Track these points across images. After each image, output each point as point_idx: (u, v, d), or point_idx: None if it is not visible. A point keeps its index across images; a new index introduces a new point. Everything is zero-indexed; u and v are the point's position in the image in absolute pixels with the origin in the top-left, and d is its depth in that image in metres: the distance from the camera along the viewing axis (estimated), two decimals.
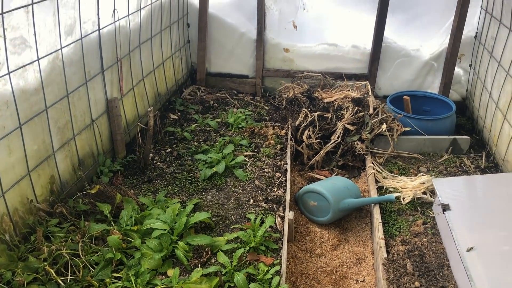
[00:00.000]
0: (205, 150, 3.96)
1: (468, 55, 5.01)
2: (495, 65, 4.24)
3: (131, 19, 3.82)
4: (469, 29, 4.89)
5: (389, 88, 5.21)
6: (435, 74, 5.11)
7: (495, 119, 4.16)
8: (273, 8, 5.12)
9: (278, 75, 5.39)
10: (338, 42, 5.22)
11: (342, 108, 4.41)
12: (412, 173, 3.90)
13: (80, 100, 3.22)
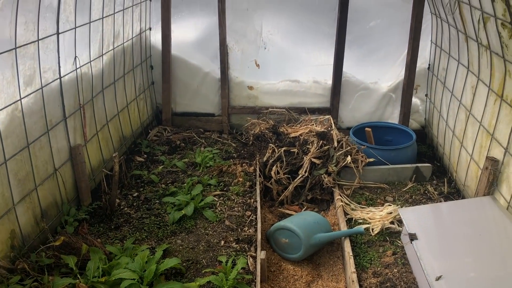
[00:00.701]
0: (173, 192, 3.92)
1: (424, 86, 5.26)
2: (448, 95, 4.47)
3: (93, 65, 3.82)
4: (422, 61, 5.15)
5: (352, 120, 5.37)
6: (394, 104, 5.32)
7: (453, 146, 4.35)
8: (235, 48, 5.25)
9: (244, 112, 5.47)
10: (300, 78, 5.38)
11: (308, 142, 4.49)
12: (379, 203, 3.98)
13: (41, 149, 3.15)
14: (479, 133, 3.76)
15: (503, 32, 3.15)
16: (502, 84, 3.38)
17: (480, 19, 3.48)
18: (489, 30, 3.37)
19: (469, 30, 3.81)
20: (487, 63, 3.59)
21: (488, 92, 3.61)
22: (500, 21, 3.13)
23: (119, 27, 4.29)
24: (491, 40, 3.42)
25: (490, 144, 3.56)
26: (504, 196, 3.32)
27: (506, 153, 3.31)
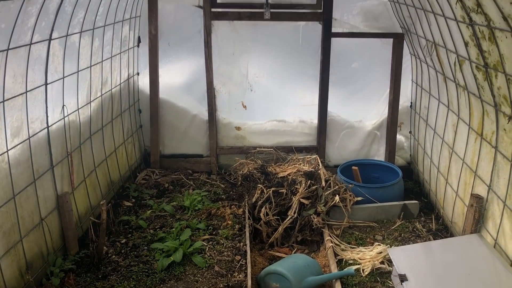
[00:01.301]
0: (161, 238, 3.88)
1: (407, 123, 5.38)
2: (431, 132, 4.57)
3: (81, 112, 3.85)
4: (405, 100, 5.30)
5: (339, 158, 5.44)
6: (379, 142, 5.41)
7: (438, 183, 4.41)
8: (222, 91, 5.35)
9: (232, 152, 5.51)
10: (286, 118, 5.47)
11: (296, 182, 4.52)
12: (369, 242, 3.99)
13: (28, 200, 3.13)
14: (462, 170, 3.84)
15: (478, 75, 3.28)
16: (481, 123, 3.49)
17: (456, 62, 3.63)
18: (465, 71, 3.51)
19: (446, 71, 3.95)
20: (465, 103, 3.71)
21: (469, 130, 3.71)
22: (474, 64, 3.27)
23: (107, 74, 4.36)
24: (467, 81, 3.55)
25: (474, 181, 3.63)
26: (490, 234, 3.36)
27: (490, 191, 3.38)
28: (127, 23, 4.69)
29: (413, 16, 4.32)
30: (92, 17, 3.77)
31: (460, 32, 3.30)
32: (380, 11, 4.89)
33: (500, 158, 3.22)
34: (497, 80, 3.02)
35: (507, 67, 2.81)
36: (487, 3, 2.64)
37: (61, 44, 3.39)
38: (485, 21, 2.80)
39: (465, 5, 2.97)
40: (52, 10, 3.07)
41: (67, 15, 3.32)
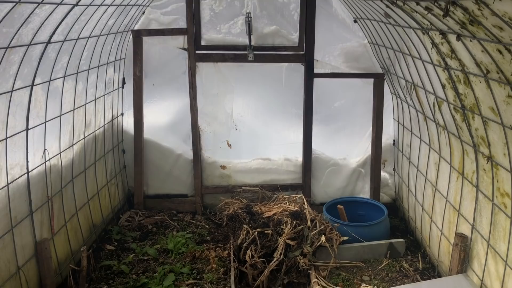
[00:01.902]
0: (144, 284, 3.77)
1: (391, 160, 5.43)
2: (414, 170, 4.62)
3: (63, 156, 3.81)
4: (387, 137, 5.37)
5: (324, 195, 5.44)
6: (364, 179, 5.44)
7: (423, 220, 4.42)
8: (207, 130, 5.37)
9: (217, 191, 5.46)
10: (271, 156, 5.49)
11: (282, 223, 4.48)
12: (356, 283, 3.93)
13: (4, 248, 3.03)
14: (446, 209, 3.86)
15: (456, 115, 3.36)
16: (462, 163, 3.54)
17: (435, 103, 3.72)
18: (444, 112, 3.59)
19: (426, 111, 4.04)
20: (446, 142, 3.78)
21: (450, 169, 3.76)
22: (452, 105, 3.35)
23: (90, 116, 4.35)
24: (447, 121, 3.63)
25: (458, 220, 3.64)
26: (476, 273, 3.34)
27: (473, 230, 3.39)
28: (111, 66, 4.73)
29: (392, 58, 4.45)
30: (76, 62, 3.80)
31: (437, 75, 3.40)
32: (360, 53, 5.03)
33: (482, 197, 3.25)
34: (474, 122, 3.10)
35: (482, 109, 2.89)
36: (460, 50, 2.74)
37: (43, 89, 3.39)
38: (460, 66, 2.89)
39: (440, 50, 3.07)
40: (35, 57, 3.09)
41: (50, 60, 3.34)
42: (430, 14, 2.56)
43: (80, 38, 3.64)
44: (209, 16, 5.01)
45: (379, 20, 4.01)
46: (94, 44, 4.02)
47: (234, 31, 5.04)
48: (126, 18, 4.45)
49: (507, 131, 2.67)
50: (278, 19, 5.00)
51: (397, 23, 3.58)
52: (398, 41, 3.94)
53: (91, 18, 3.58)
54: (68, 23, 3.27)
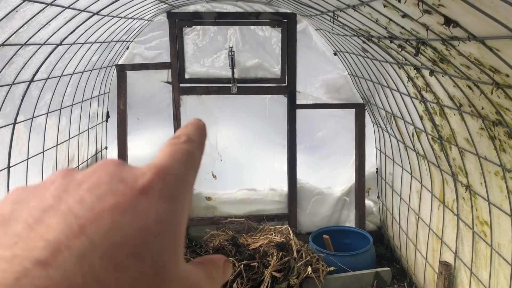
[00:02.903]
0: None
1: (375, 188, 5.50)
2: (397, 198, 4.68)
3: None
4: (371, 166, 5.45)
5: (310, 224, 5.44)
6: (349, 208, 5.47)
7: (408, 248, 4.45)
8: None
9: (203, 223, 5.43)
10: (256, 186, 5.50)
11: (268, 254, 4.46)
12: None
13: None
14: (429, 237, 3.90)
15: (435, 145, 3.45)
16: (442, 191, 3.61)
17: (414, 133, 3.82)
18: (423, 142, 3.69)
19: (406, 140, 4.14)
20: (426, 171, 3.86)
21: (432, 197, 3.83)
22: (430, 136, 3.45)
23: (74, 151, 4.34)
24: (426, 151, 3.72)
25: (441, 248, 3.68)
26: None
27: (456, 258, 3.43)
28: (95, 100, 4.75)
29: (371, 89, 4.57)
30: (60, 98, 3.82)
31: (414, 107, 3.51)
32: (341, 84, 5.16)
33: (463, 225, 3.30)
34: (452, 152, 3.18)
35: (458, 140, 2.98)
36: (435, 84, 2.84)
37: (26, 126, 3.39)
38: (435, 99, 3.00)
39: (416, 84, 3.18)
40: (18, 96, 3.10)
41: (33, 98, 3.35)
42: (403, 51, 2.67)
43: (64, 75, 3.68)
44: (193, 51, 5.11)
45: (358, 54, 4.15)
46: (78, 80, 4.06)
47: (217, 64, 5.14)
48: (110, 54, 4.51)
49: (482, 161, 2.75)
50: (261, 53, 5.13)
51: (374, 57, 3.71)
52: (376, 73, 4.06)
53: (75, 56, 3.63)
54: (52, 61, 3.31)
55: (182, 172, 0.30)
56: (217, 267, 0.34)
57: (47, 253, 0.23)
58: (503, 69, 1.85)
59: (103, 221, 0.25)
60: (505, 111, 2.18)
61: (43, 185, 0.29)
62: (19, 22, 2.33)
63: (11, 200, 0.28)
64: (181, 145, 0.32)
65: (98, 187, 0.27)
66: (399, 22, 2.18)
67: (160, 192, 0.28)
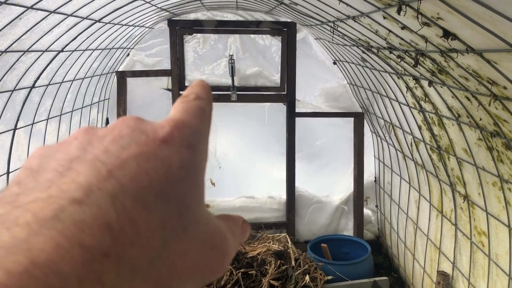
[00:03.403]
0: None
1: (373, 197, 5.51)
2: (396, 207, 4.69)
3: None
4: (369, 175, 5.46)
5: (308, 233, 5.44)
6: (347, 216, 5.48)
7: (406, 258, 4.45)
8: None
9: None
10: (255, 194, 5.51)
11: (266, 263, 4.45)
12: None
13: None
14: (427, 247, 3.91)
15: (433, 155, 3.47)
16: (440, 201, 3.62)
17: (412, 142, 3.83)
18: (422, 152, 3.70)
19: (405, 150, 4.16)
20: (425, 181, 3.87)
21: (430, 207, 3.84)
22: (429, 145, 3.47)
23: None
24: (424, 161, 3.73)
25: (439, 258, 3.69)
26: None
27: (454, 268, 3.43)
28: (95, 106, 4.77)
29: (370, 98, 4.60)
30: (60, 104, 3.83)
31: (413, 116, 3.53)
32: (340, 93, 5.19)
33: (461, 235, 3.31)
34: (450, 162, 3.20)
35: (457, 151, 2.99)
36: (433, 94, 2.87)
37: (26, 132, 3.40)
38: (433, 109, 3.02)
39: (414, 94, 3.21)
40: (19, 102, 3.12)
41: (34, 104, 3.37)
42: (402, 62, 2.69)
43: (65, 81, 3.69)
44: (193, 58, 5.14)
45: (357, 63, 4.18)
46: (78, 87, 4.08)
47: (217, 72, 5.16)
48: (110, 61, 4.54)
49: (480, 172, 2.77)
50: (260, 61, 5.16)
51: (373, 67, 3.73)
52: (375, 83, 4.09)
53: (76, 62, 3.65)
54: (53, 68, 3.33)
55: (197, 124, 0.32)
56: (237, 224, 0.36)
57: (81, 193, 0.24)
58: (500, 81, 1.87)
59: (129, 167, 0.26)
60: (503, 123, 2.20)
61: (66, 141, 0.30)
62: (22, 29, 2.35)
63: (36, 156, 0.29)
64: (192, 102, 0.33)
65: (121, 138, 0.28)
66: (399, 33, 2.21)
67: (180, 141, 0.29)
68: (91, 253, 0.22)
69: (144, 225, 0.25)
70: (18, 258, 0.20)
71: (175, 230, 0.26)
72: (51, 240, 0.22)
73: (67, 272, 0.21)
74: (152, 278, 0.24)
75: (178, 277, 0.26)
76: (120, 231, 0.24)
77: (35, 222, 0.22)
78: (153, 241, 0.25)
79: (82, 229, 0.23)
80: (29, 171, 0.27)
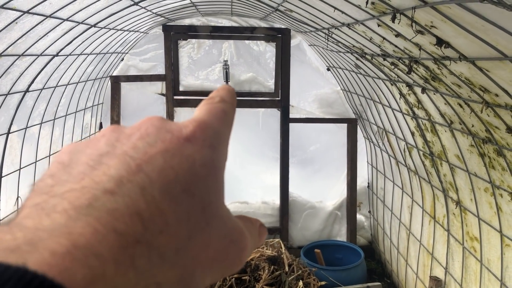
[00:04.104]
0: None
1: (366, 203, 5.53)
2: (389, 213, 4.72)
3: None
4: (362, 180, 5.49)
5: (302, 238, 5.44)
6: (340, 222, 5.49)
7: (399, 263, 4.47)
8: None
9: None
10: (248, 199, 5.51)
11: (259, 268, 4.45)
12: None
13: None
14: (420, 252, 3.93)
15: (426, 161, 3.50)
16: (433, 207, 3.65)
17: (405, 148, 3.87)
18: (414, 158, 3.74)
19: (398, 156, 4.19)
20: (417, 186, 3.90)
21: (423, 213, 3.87)
22: (421, 152, 3.50)
23: None
24: (417, 167, 3.77)
25: (432, 264, 3.71)
26: None
27: (447, 273, 3.46)
28: (89, 111, 4.75)
29: (364, 105, 4.64)
30: (54, 108, 3.82)
31: (406, 123, 3.56)
32: (334, 99, 5.23)
33: (453, 241, 3.34)
34: (443, 168, 3.23)
35: (449, 157, 3.03)
36: (426, 101, 2.90)
37: (19, 136, 3.38)
38: (426, 116, 3.06)
39: (407, 101, 3.24)
40: (13, 105, 3.10)
41: (27, 108, 3.35)
42: (396, 69, 2.73)
43: (59, 85, 3.68)
44: (188, 63, 5.15)
45: (351, 70, 4.21)
46: (72, 91, 4.07)
47: (212, 77, 5.18)
48: (105, 65, 4.53)
49: (472, 178, 2.80)
50: (255, 67, 5.18)
51: (367, 74, 3.77)
52: (368, 89, 4.13)
53: (70, 67, 3.65)
54: (48, 72, 3.32)
55: (219, 126, 0.34)
56: (254, 226, 0.37)
57: (113, 185, 0.26)
58: (492, 88, 1.90)
59: (156, 162, 0.28)
60: (495, 129, 2.24)
61: (94, 139, 0.31)
62: (18, 33, 2.34)
63: (67, 151, 0.30)
64: (216, 104, 0.35)
65: (147, 136, 0.30)
66: (393, 41, 2.24)
67: (203, 141, 0.31)
68: (125, 239, 0.24)
69: (172, 215, 0.26)
70: (61, 240, 0.22)
71: (199, 223, 0.28)
72: (89, 226, 0.23)
73: (105, 254, 0.22)
74: (178, 266, 0.26)
75: (201, 267, 0.28)
76: (150, 220, 0.25)
77: (72, 209, 0.24)
78: (180, 231, 0.26)
79: (115, 217, 0.24)
80: (61, 165, 0.29)
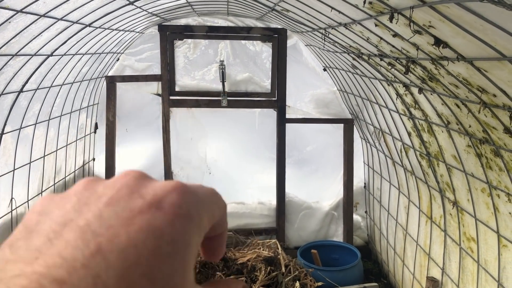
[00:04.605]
0: None
1: (362, 203, 5.52)
2: (385, 213, 4.71)
3: (31, 204, 3.71)
4: (359, 180, 5.49)
5: (298, 239, 5.43)
6: (337, 222, 5.49)
7: (396, 264, 4.47)
8: (180, 174, 5.35)
9: None
10: (245, 200, 5.49)
11: (256, 269, 4.43)
12: None
13: None
14: (417, 253, 3.93)
15: (422, 162, 3.50)
16: (430, 207, 3.65)
17: (402, 149, 3.86)
18: (411, 158, 3.73)
19: (394, 156, 4.19)
20: (414, 187, 3.90)
21: (419, 213, 3.86)
22: (418, 152, 3.49)
23: (61, 162, 4.29)
24: (414, 167, 3.76)
25: (428, 264, 3.71)
26: None
27: (444, 274, 3.45)
28: (84, 111, 4.72)
29: (360, 105, 4.63)
30: (48, 109, 3.79)
31: (403, 123, 3.56)
32: (330, 99, 5.22)
33: (450, 241, 3.34)
34: (439, 168, 3.23)
35: (446, 157, 3.02)
36: (423, 101, 2.89)
37: (13, 137, 3.34)
38: (423, 116, 3.05)
39: (404, 101, 3.24)
40: (7, 106, 3.07)
41: (21, 109, 3.32)
42: (393, 69, 2.72)
43: (54, 86, 3.65)
44: (184, 63, 5.13)
45: (347, 70, 4.21)
46: (67, 91, 4.03)
47: (208, 77, 5.15)
48: (100, 65, 4.50)
49: (469, 178, 2.79)
50: (251, 67, 5.16)
51: (363, 74, 3.76)
52: (365, 89, 4.12)
53: (65, 67, 3.61)
54: (42, 72, 3.29)
55: (204, 192, 0.31)
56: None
57: (64, 272, 0.24)
58: (490, 89, 1.89)
59: (118, 239, 0.26)
60: (492, 130, 2.23)
61: (67, 196, 0.30)
62: (11, 33, 2.31)
63: (37, 211, 0.29)
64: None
65: (117, 201, 0.28)
66: (390, 41, 2.23)
67: (178, 208, 0.29)
68: None
69: None
70: None
71: None
72: None
73: None
74: None
75: None
76: None
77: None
78: None
79: None
80: (25, 230, 0.28)
